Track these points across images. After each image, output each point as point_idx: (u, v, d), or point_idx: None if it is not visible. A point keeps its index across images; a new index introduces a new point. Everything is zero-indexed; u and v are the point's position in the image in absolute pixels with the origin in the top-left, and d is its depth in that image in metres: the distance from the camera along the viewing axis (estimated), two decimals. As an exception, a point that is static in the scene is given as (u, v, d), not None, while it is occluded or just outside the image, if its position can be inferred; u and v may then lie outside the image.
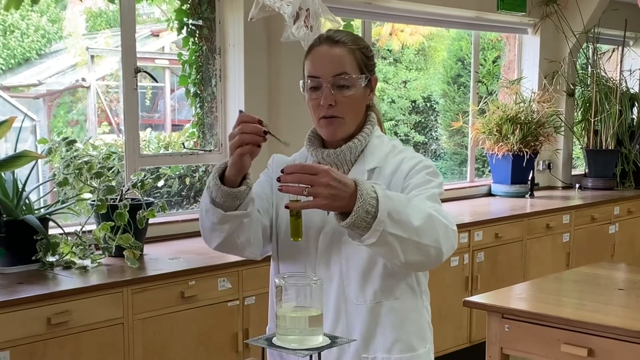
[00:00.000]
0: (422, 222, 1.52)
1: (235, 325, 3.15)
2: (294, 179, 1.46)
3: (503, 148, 5.29)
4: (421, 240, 1.52)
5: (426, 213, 1.54)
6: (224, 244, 1.71)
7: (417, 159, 1.75)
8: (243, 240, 1.70)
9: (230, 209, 1.63)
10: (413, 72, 7.80)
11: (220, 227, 1.66)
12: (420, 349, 1.79)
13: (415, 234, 1.51)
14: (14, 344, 2.52)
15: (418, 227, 1.51)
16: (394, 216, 1.48)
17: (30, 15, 5.78)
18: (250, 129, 1.55)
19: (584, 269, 3.41)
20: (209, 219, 1.66)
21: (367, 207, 1.46)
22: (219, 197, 1.62)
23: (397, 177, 1.73)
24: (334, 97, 1.71)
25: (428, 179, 1.70)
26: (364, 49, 1.79)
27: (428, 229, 1.53)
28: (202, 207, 1.68)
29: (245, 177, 1.63)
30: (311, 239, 1.74)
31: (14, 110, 4.62)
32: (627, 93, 6.12)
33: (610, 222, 5.38)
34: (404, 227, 1.50)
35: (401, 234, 1.49)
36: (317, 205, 1.47)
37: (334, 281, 1.75)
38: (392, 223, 1.48)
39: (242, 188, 1.62)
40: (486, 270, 4.39)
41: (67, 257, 3.05)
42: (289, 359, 1.81)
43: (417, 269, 1.72)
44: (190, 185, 4.19)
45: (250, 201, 1.65)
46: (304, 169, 1.47)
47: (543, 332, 2.63)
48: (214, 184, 1.62)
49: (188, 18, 3.95)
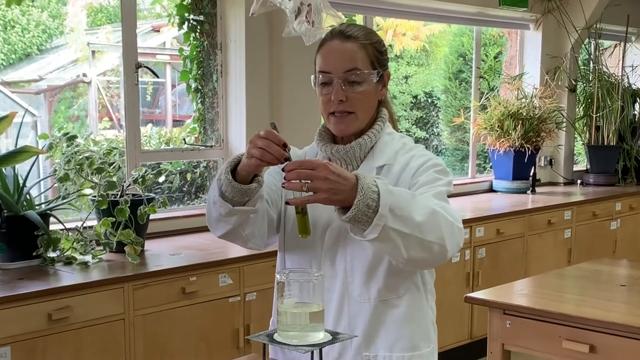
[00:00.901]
0: (425, 218, 1.51)
1: (236, 321, 3.15)
2: (293, 175, 1.46)
3: (504, 144, 5.29)
4: (424, 236, 1.51)
5: (430, 209, 1.53)
6: (228, 235, 1.71)
7: (426, 156, 1.74)
8: (248, 232, 1.70)
9: (238, 203, 1.62)
10: (414, 67, 7.78)
11: (226, 219, 1.66)
12: (423, 349, 1.78)
13: (417, 230, 1.49)
14: (14, 339, 2.52)
15: (421, 223, 1.50)
16: (395, 211, 1.47)
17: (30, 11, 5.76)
18: (274, 150, 1.53)
19: (585, 265, 3.40)
20: (217, 211, 1.65)
21: (367, 201, 1.45)
22: (228, 192, 1.61)
23: (405, 174, 1.72)
24: (344, 93, 1.70)
25: (436, 176, 1.68)
26: (377, 43, 1.76)
27: (431, 226, 1.51)
28: (210, 197, 1.67)
29: (257, 174, 1.62)
30: (317, 235, 1.74)
31: (15, 106, 4.61)
32: (629, 89, 6.11)
33: (611, 218, 5.37)
34: (406, 222, 1.48)
35: (403, 229, 1.48)
36: (317, 199, 1.46)
37: (338, 278, 1.74)
38: (394, 218, 1.46)
39: (253, 185, 1.60)
40: (487, 266, 4.38)
41: (68, 253, 3.04)
42: (291, 354, 1.81)
43: (421, 267, 1.71)
44: (192, 181, 4.18)
45: (259, 198, 1.65)
46: (302, 164, 1.47)
47: (544, 328, 2.62)
48: (225, 178, 1.60)
49: (189, 13, 3.94)
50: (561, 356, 2.62)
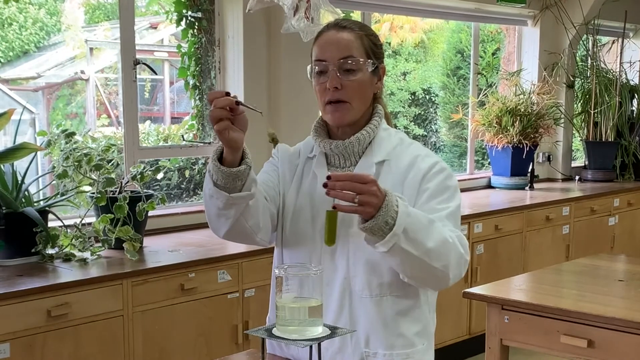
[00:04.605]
0: (436, 245, 1.58)
1: (234, 317, 3.15)
2: (345, 187, 1.50)
3: (503, 140, 5.29)
4: (431, 262, 1.59)
5: (443, 238, 1.60)
6: (232, 230, 1.68)
7: (432, 158, 1.77)
8: (252, 224, 1.68)
9: (233, 190, 1.61)
10: (412, 63, 7.78)
11: (226, 212, 1.64)
12: (422, 344, 1.79)
13: (426, 255, 1.57)
14: (14, 336, 2.52)
15: (430, 249, 1.57)
16: (409, 233, 1.54)
17: (28, 8, 5.76)
18: (221, 103, 1.54)
19: (583, 261, 3.41)
20: (214, 205, 1.64)
21: (387, 218, 1.51)
22: (220, 180, 1.60)
23: (413, 175, 1.74)
24: (339, 81, 1.71)
25: (446, 184, 1.73)
26: (372, 36, 1.79)
27: (441, 254, 1.59)
28: (206, 193, 1.65)
29: (244, 157, 1.61)
30: (318, 229, 1.74)
31: (13, 103, 4.61)
32: (627, 85, 6.11)
33: (609, 214, 5.38)
34: (417, 246, 1.55)
35: (413, 251, 1.55)
36: (363, 211, 1.52)
37: (339, 272, 1.74)
38: (406, 239, 1.54)
39: (242, 167, 1.60)
40: (486, 262, 4.39)
41: (67, 250, 3.04)
42: (289, 349, 1.81)
43: (420, 286, 1.74)
44: (190, 177, 4.18)
45: (253, 182, 1.63)
46: (354, 178, 1.51)
47: (543, 324, 2.63)
48: (213, 166, 1.60)
49: (187, 10, 3.94)
50: (559, 351, 2.63)
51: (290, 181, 1.84)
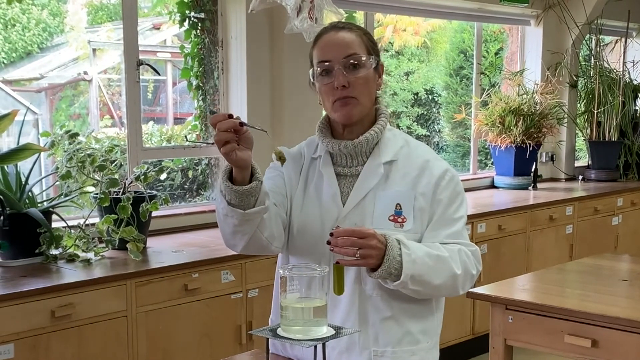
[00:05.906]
0: (443, 282, 1.70)
1: (238, 318, 3.15)
2: (346, 243, 1.59)
3: (506, 140, 5.28)
4: (440, 293, 1.77)
5: (451, 274, 1.70)
6: (249, 245, 1.69)
7: (441, 163, 1.83)
8: (267, 235, 1.69)
9: (248, 207, 1.61)
10: (415, 63, 7.78)
11: (242, 228, 1.64)
12: (423, 343, 1.80)
13: (435, 290, 1.72)
14: (18, 336, 2.52)
15: (438, 286, 1.70)
16: (416, 278, 1.66)
17: (31, 9, 5.76)
18: (224, 126, 1.54)
19: (587, 260, 3.40)
20: (230, 223, 1.64)
21: (390, 269, 1.63)
22: (233, 199, 1.60)
23: (426, 182, 1.78)
24: (346, 79, 1.73)
25: (456, 192, 1.81)
26: (369, 34, 1.83)
27: (448, 287, 1.72)
28: (220, 213, 1.65)
29: (254, 173, 1.61)
30: (326, 233, 1.73)
31: (16, 104, 4.61)
32: (630, 84, 6.10)
33: (613, 213, 5.37)
34: (424, 285, 1.68)
35: (420, 289, 1.69)
36: (366, 264, 1.63)
37: (350, 273, 1.75)
38: (413, 283, 1.66)
39: (253, 184, 1.60)
40: (489, 262, 4.38)
41: (71, 250, 3.05)
42: (293, 350, 1.82)
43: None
44: (193, 178, 4.18)
45: (265, 195, 1.64)
46: (354, 233, 1.60)
47: (547, 323, 2.63)
48: (225, 187, 1.60)
49: (190, 10, 3.94)
50: (563, 351, 2.62)
51: (297, 183, 1.85)
